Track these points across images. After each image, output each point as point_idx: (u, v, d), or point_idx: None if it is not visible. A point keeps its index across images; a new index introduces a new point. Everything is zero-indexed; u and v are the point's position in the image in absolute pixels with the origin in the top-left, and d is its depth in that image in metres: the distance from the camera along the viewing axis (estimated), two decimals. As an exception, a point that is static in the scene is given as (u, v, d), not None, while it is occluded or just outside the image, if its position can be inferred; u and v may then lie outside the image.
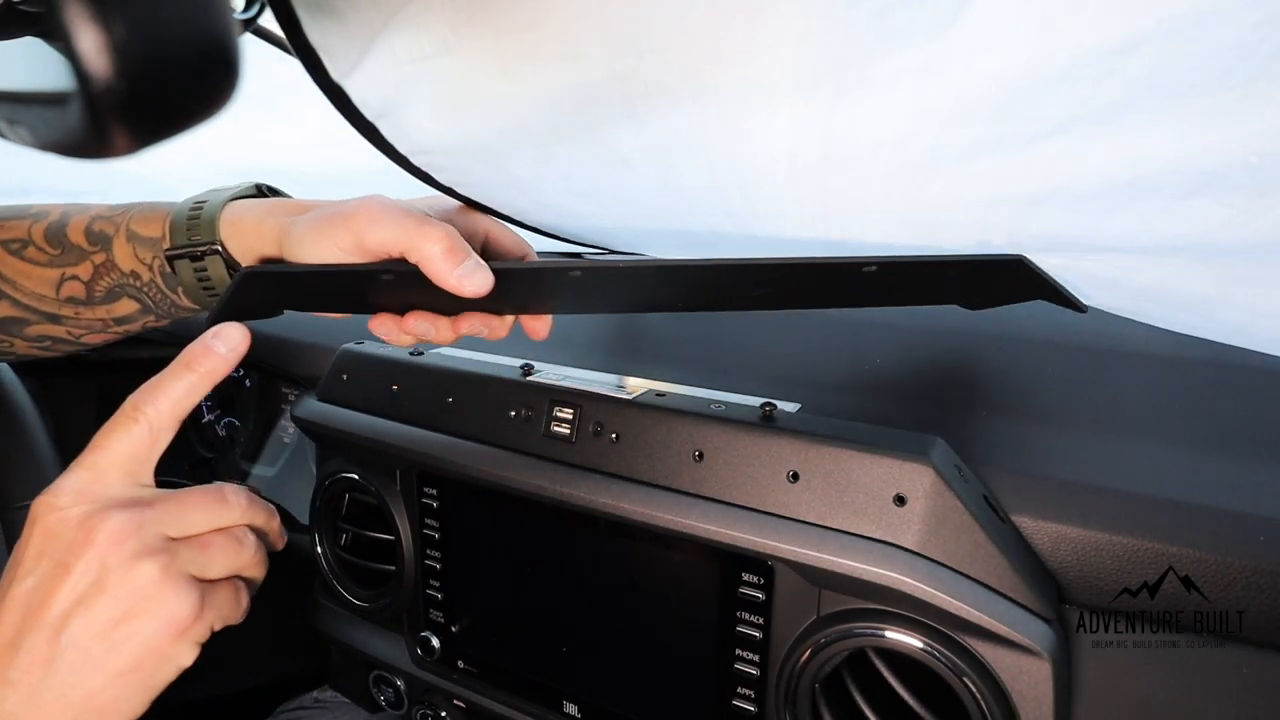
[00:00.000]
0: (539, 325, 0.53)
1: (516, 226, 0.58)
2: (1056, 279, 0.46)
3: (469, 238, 0.46)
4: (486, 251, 0.54)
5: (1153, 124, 0.33)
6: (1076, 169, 0.37)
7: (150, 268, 0.52)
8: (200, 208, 0.51)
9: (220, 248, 0.50)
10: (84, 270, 0.52)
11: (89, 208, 0.54)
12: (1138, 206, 0.39)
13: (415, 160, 0.49)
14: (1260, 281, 0.42)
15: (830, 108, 0.39)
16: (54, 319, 0.54)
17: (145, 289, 0.53)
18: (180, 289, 0.53)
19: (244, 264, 0.51)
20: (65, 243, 0.52)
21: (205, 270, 0.51)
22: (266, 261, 0.50)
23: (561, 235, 0.68)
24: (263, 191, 0.55)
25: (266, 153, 0.84)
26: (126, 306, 0.54)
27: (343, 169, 0.72)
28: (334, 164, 0.71)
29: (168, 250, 0.51)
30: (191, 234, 0.51)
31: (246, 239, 0.50)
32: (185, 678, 0.42)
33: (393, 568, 0.69)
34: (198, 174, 0.78)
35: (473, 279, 0.42)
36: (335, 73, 0.41)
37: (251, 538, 0.45)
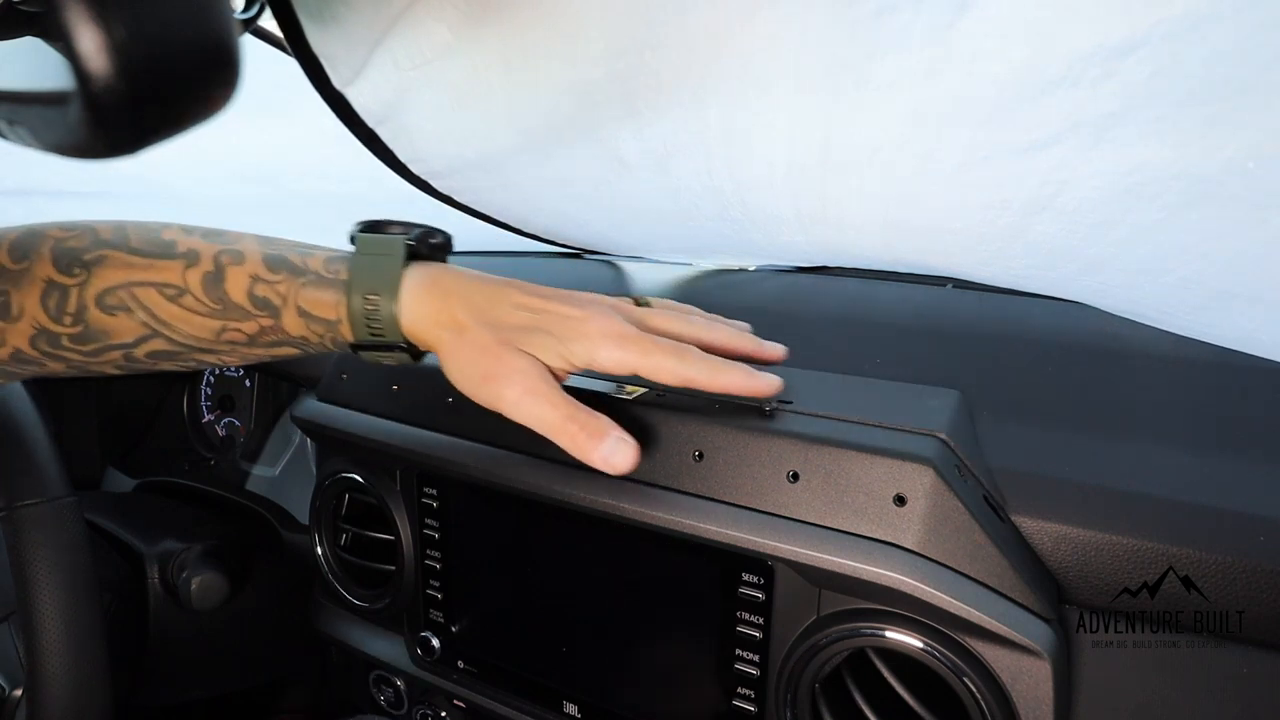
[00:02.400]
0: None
1: (515, 234, 0.58)
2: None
3: None
4: None
5: (1150, 132, 0.33)
6: (1074, 176, 0.37)
7: (323, 338, 0.50)
8: (376, 304, 0.48)
9: (405, 346, 0.50)
10: (248, 327, 0.50)
11: (242, 257, 0.49)
12: (1134, 217, 0.39)
13: (414, 168, 0.49)
14: (1261, 291, 0.42)
15: (829, 109, 0.39)
16: (209, 352, 0.52)
17: (313, 347, 0.52)
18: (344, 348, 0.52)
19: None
20: (226, 300, 0.49)
21: (392, 356, 0.51)
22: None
23: (561, 241, 0.68)
24: (424, 247, 0.51)
25: (264, 152, 0.84)
26: (288, 351, 0.53)
27: (339, 168, 0.72)
28: (329, 161, 0.72)
29: (353, 343, 0.50)
30: (372, 329, 0.49)
31: (419, 340, 0.50)
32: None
33: (393, 568, 0.69)
34: (197, 173, 0.78)
35: (617, 457, 0.45)
36: (337, 80, 0.41)
37: None
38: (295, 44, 0.39)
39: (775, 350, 0.53)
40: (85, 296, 0.46)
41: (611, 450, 0.45)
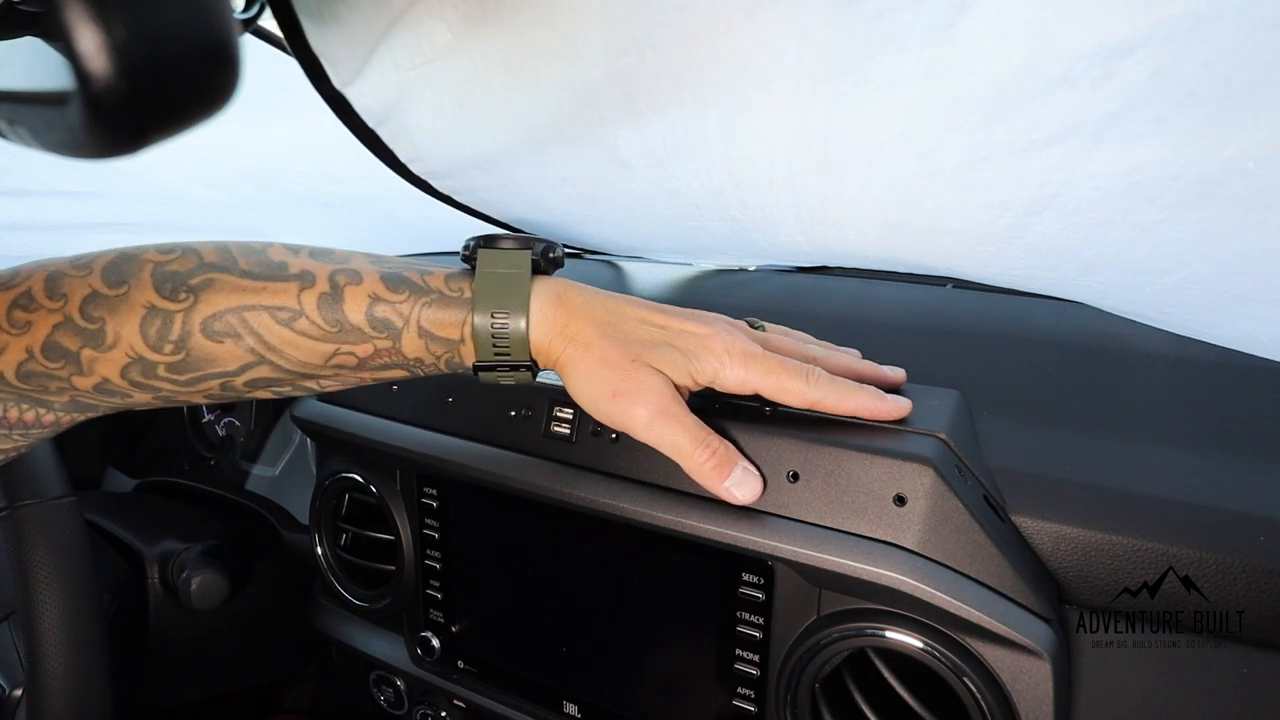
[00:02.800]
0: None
1: (516, 234, 0.58)
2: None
3: None
4: None
5: (1150, 132, 0.33)
6: (1074, 177, 0.37)
7: (439, 359, 0.48)
8: (505, 323, 0.46)
9: (530, 364, 0.48)
10: (363, 350, 0.47)
11: (359, 276, 0.47)
12: (1134, 218, 0.39)
13: (414, 168, 0.49)
14: (1261, 292, 0.42)
15: (829, 109, 0.39)
16: (312, 378, 0.49)
17: (424, 369, 0.50)
18: (458, 368, 0.51)
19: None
20: (344, 322, 0.46)
21: (512, 376, 0.49)
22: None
23: (561, 241, 0.68)
24: (547, 260, 0.50)
25: (264, 152, 0.84)
26: (395, 374, 0.50)
27: (339, 168, 0.72)
28: (330, 161, 0.72)
29: (478, 364, 0.48)
30: (498, 348, 0.47)
31: (543, 357, 0.48)
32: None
33: (393, 568, 0.69)
34: (197, 173, 0.78)
35: (743, 489, 0.46)
36: (338, 81, 0.41)
37: None
38: (295, 44, 0.39)
39: (897, 374, 0.54)
40: (190, 323, 0.43)
41: (739, 482, 0.46)
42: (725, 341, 0.46)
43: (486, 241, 0.48)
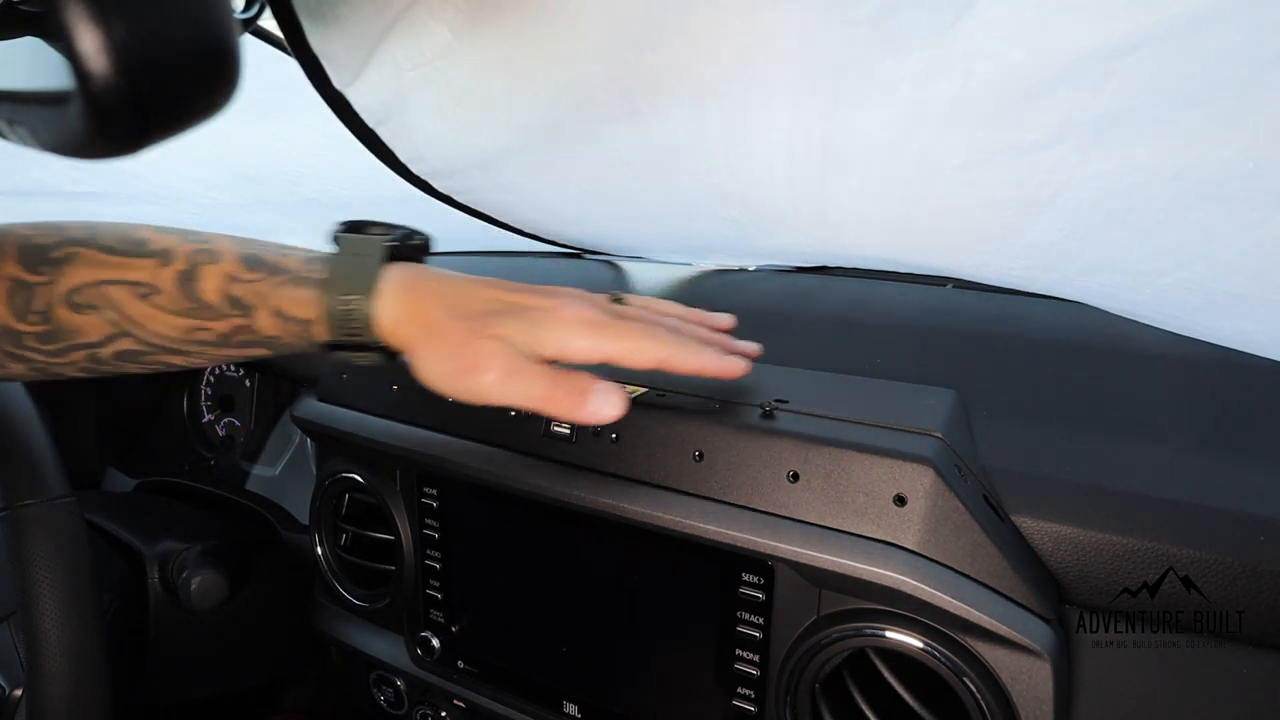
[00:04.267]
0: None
1: (515, 234, 0.58)
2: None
3: None
4: None
5: (1149, 133, 0.33)
6: (1074, 177, 0.37)
7: (296, 338, 0.50)
8: (352, 305, 0.48)
9: (380, 346, 0.49)
10: (220, 326, 0.49)
11: (217, 256, 0.49)
12: (1134, 218, 0.39)
13: (414, 168, 0.49)
14: (1261, 292, 0.42)
15: (829, 109, 0.39)
16: (177, 353, 0.51)
17: (283, 347, 0.52)
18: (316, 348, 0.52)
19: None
20: (199, 300, 0.48)
21: (364, 357, 0.50)
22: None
23: (561, 241, 0.68)
24: (404, 248, 0.51)
25: (264, 153, 0.85)
26: (258, 351, 0.52)
27: (339, 168, 0.72)
28: (330, 162, 0.72)
29: (327, 342, 0.50)
30: (347, 330, 0.49)
31: (393, 339, 0.49)
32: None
33: (393, 568, 0.69)
34: (196, 173, 0.78)
35: (607, 406, 0.44)
36: (338, 81, 0.41)
37: None
38: (296, 44, 0.39)
39: (750, 347, 0.53)
40: (53, 295, 0.46)
41: (600, 404, 0.44)
42: (572, 311, 0.46)
43: (352, 227, 0.50)
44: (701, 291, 0.82)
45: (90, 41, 0.23)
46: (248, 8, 0.54)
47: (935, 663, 0.46)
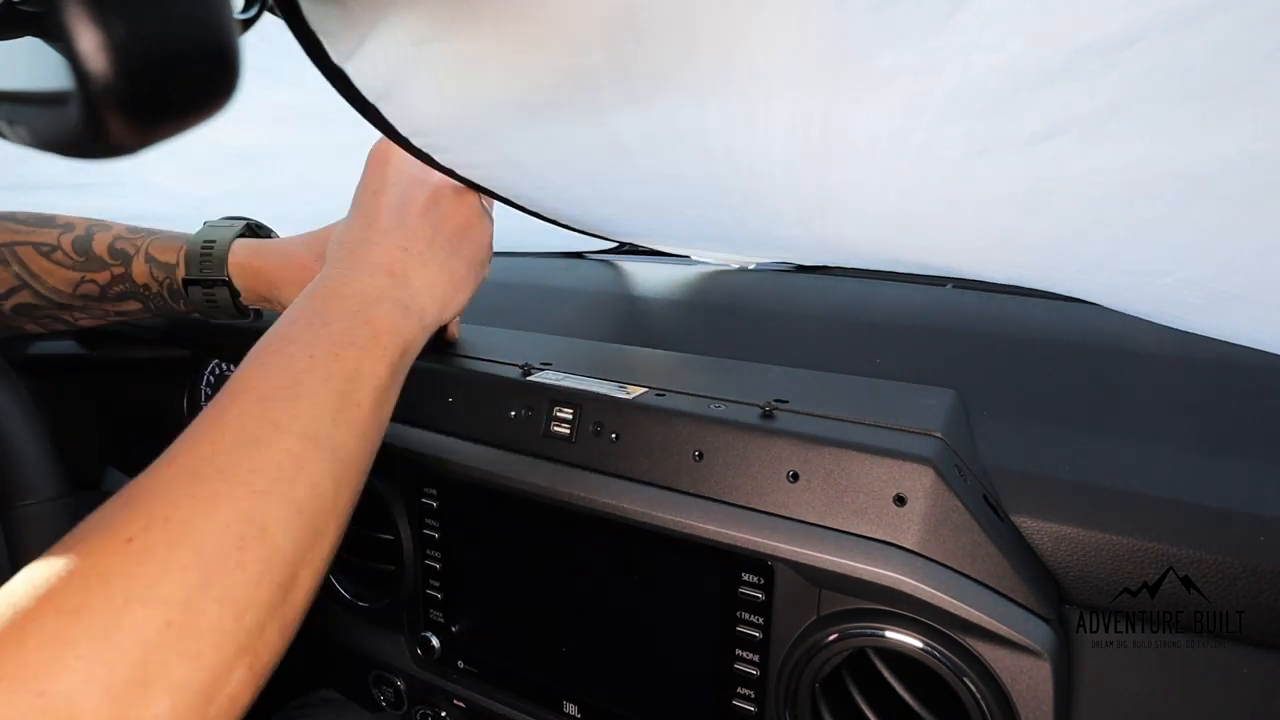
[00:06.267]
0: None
1: (516, 209, 0.59)
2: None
3: None
4: None
5: (1149, 127, 0.33)
6: (1073, 172, 0.37)
7: (161, 284, 0.65)
8: (211, 247, 0.64)
9: (228, 280, 0.65)
10: (102, 277, 0.63)
11: (111, 226, 0.65)
12: (1134, 215, 0.39)
13: (416, 141, 0.49)
14: (1261, 292, 0.42)
15: (827, 100, 0.39)
16: (64, 308, 0.64)
17: (152, 298, 0.66)
18: (182, 301, 0.67)
19: (242, 292, 0.67)
20: (89, 254, 0.63)
21: (213, 295, 0.66)
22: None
23: (561, 221, 0.67)
24: (253, 229, 0.70)
25: (262, 149, 0.85)
26: (131, 305, 0.66)
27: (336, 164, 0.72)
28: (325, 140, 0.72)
29: (184, 278, 0.65)
30: (204, 268, 0.64)
31: (245, 278, 0.66)
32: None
33: (393, 568, 0.69)
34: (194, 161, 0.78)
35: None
36: (336, 56, 0.41)
37: None
38: (292, 21, 0.39)
39: None
40: None
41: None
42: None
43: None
44: (701, 291, 0.82)
45: (90, 41, 0.23)
46: (248, 7, 0.54)
47: (935, 663, 0.46)
